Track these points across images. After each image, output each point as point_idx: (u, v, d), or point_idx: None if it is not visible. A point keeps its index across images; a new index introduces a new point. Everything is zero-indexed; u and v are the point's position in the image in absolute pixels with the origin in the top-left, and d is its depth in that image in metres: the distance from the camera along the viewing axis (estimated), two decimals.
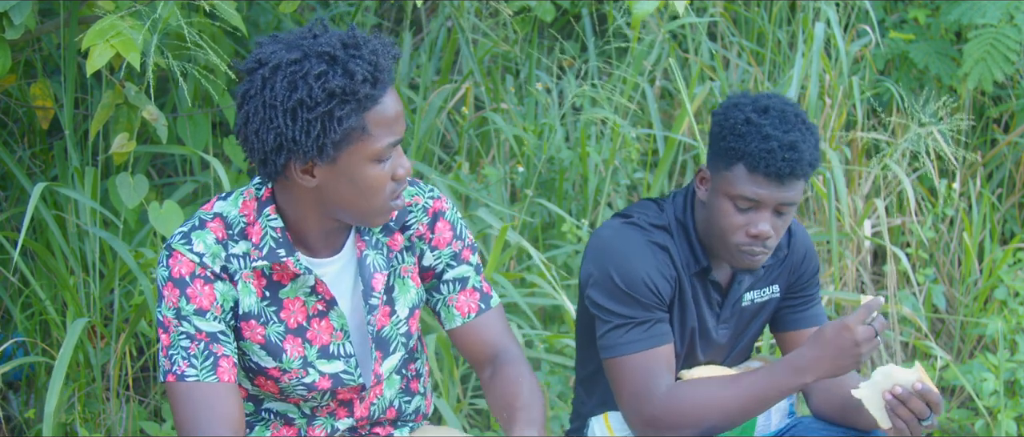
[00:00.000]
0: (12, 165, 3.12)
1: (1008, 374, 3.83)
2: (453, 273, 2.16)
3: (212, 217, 2.00)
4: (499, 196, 3.82)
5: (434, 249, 2.14)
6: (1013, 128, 4.64)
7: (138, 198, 2.89)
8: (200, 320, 1.96)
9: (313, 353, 2.06)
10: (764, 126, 2.31)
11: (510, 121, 4.07)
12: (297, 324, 2.05)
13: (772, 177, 2.30)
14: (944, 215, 4.32)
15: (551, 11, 4.45)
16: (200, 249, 1.97)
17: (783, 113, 2.33)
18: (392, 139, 1.91)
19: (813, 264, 2.60)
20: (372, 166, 1.91)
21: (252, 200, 2.01)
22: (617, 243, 2.44)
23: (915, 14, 4.64)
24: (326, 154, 1.87)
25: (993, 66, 4.19)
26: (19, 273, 3.16)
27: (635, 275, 2.39)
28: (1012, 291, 4.06)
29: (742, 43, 4.54)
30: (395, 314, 2.12)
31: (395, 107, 1.91)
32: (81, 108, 3.37)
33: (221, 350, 1.98)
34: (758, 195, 2.32)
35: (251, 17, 4.04)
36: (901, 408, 2.21)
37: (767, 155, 2.29)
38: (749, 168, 2.31)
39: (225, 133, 3.75)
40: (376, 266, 2.09)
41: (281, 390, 2.08)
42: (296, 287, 2.03)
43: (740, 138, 2.32)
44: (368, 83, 1.86)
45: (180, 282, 1.96)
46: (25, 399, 3.27)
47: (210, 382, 1.95)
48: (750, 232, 2.34)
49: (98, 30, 2.59)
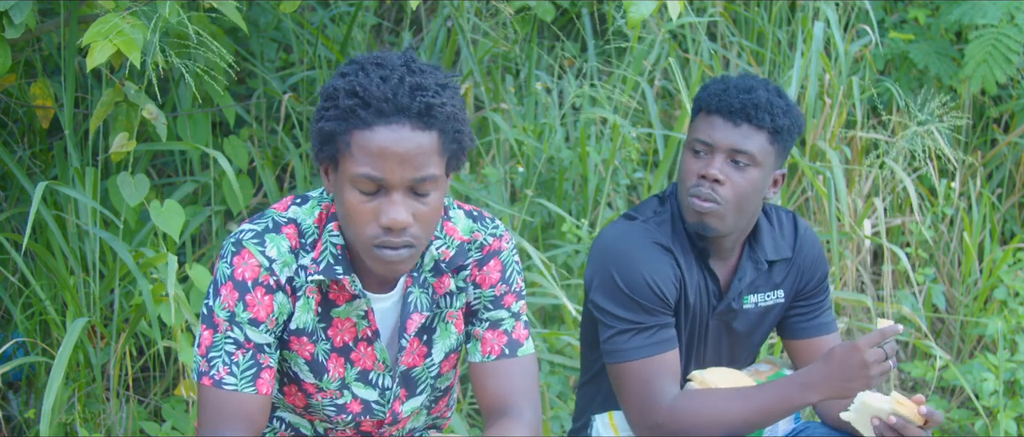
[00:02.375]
0: (12, 165, 3.11)
1: (1008, 374, 3.83)
2: (488, 315, 2.07)
3: (287, 222, 1.95)
4: (499, 196, 3.81)
5: (477, 288, 2.05)
6: (1013, 128, 4.64)
7: (140, 197, 2.88)
8: (252, 330, 1.92)
9: (352, 375, 2.02)
10: (730, 79, 2.41)
11: (510, 121, 4.07)
12: (343, 343, 2.01)
13: (725, 116, 2.36)
14: (944, 215, 4.32)
15: (551, 11, 4.44)
16: (272, 254, 1.92)
17: (755, 77, 2.43)
18: (368, 172, 1.80)
19: (822, 270, 2.59)
20: (349, 189, 1.83)
21: (326, 213, 1.97)
22: (620, 244, 2.43)
23: (915, 14, 4.64)
24: (317, 153, 1.86)
25: (995, 67, 4.19)
26: (19, 273, 3.16)
27: (638, 278, 2.38)
28: (1012, 291, 4.06)
29: (742, 43, 4.54)
30: (429, 357, 2.06)
31: (385, 143, 1.79)
32: (81, 108, 3.37)
33: (266, 361, 1.93)
34: (712, 137, 2.37)
35: (251, 17, 4.04)
36: (891, 432, 2.21)
37: (722, 93, 2.37)
38: (707, 112, 2.39)
39: (225, 133, 3.75)
40: (418, 306, 2.01)
41: (308, 406, 2.05)
42: (350, 309, 1.98)
43: (704, 89, 2.42)
44: (357, 99, 1.79)
45: (241, 286, 1.91)
46: (25, 399, 3.27)
47: (248, 393, 1.92)
48: (700, 172, 2.38)
49: (99, 28, 2.59)
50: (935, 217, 4.31)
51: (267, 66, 4.01)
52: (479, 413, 3.57)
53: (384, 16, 4.71)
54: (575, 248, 3.67)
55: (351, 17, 4.10)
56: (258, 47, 4.05)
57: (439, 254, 2.01)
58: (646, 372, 2.36)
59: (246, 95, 4.02)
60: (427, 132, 1.81)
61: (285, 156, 3.82)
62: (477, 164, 4.05)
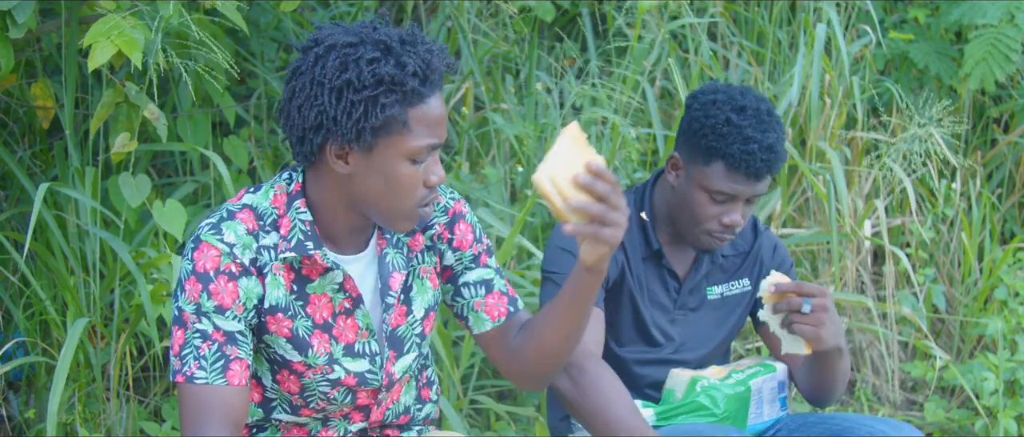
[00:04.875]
0: (12, 165, 3.11)
1: (1008, 374, 3.83)
2: (474, 275, 2.15)
3: (241, 208, 1.99)
4: (499, 196, 3.81)
5: (456, 250, 2.14)
6: (1013, 128, 4.64)
7: (141, 197, 2.88)
8: (219, 318, 1.94)
9: (339, 350, 2.05)
10: (744, 128, 2.44)
11: (510, 121, 4.07)
12: (323, 320, 2.04)
13: (751, 176, 2.45)
14: (944, 215, 4.32)
15: (551, 11, 4.44)
16: (231, 239, 1.95)
17: (758, 112, 2.46)
18: (431, 141, 1.91)
19: (786, 259, 2.71)
20: (406, 164, 1.91)
21: (283, 194, 2.01)
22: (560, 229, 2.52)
23: (915, 14, 4.64)
24: (363, 139, 1.87)
25: (994, 66, 4.19)
26: (20, 273, 3.16)
27: (565, 244, 2.51)
28: (1012, 291, 4.07)
29: (742, 43, 4.54)
30: (411, 314, 2.11)
31: (440, 110, 1.92)
32: (82, 108, 3.36)
33: (235, 352, 1.95)
34: (735, 190, 2.46)
35: (251, 17, 4.04)
36: (780, 303, 2.31)
37: (748, 157, 2.43)
38: (729, 167, 2.45)
39: (225, 133, 3.75)
40: (395, 265, 2.08)
41: (303, 387, 2.06)
42: (324, 283, 2.02)
43: (721, 138, 2.45)
44: (417, 78, 1.87)
45: (203, 277, 1.94)
46: (25, 399, 3.27)
47: (218, 385, 1.93)
48: (723, 221, 2.49)
49: (100, 28, 2.59)
50: (935, 218, 4.31)
51: (267, 66, 4.01)
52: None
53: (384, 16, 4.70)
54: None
55: (351, 17, 4.10)
56: (258, 47, 4.05)
57: None
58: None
59: (246, 95, 4.02)
60: (441, 90, 1.95)
61: (285, 156, 3.82)
62: (477, 164, 4.05)
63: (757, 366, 2.63)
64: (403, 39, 1.90)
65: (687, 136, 2.51)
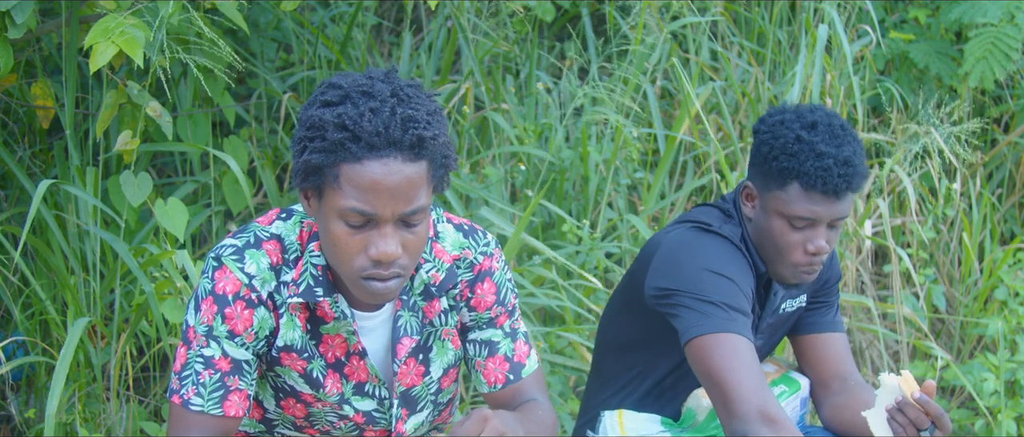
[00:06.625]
0: (12, 165, 3.11)
1: (1008, 374, 3.83)
2: (482, 335, 2.06)
3: (269, 237, 1.93)
4: (499, 195, 3.81)
5: (472, 310, 2.05)
6: (1013, 128, 4.64)
7: (142, 197, 2.88)
8: (229, 344, 1.90)
9: (349, 389, 2.01)
10: (817, 143, 2.29)
11: (510, 121, 4.07)
12: (335, 359, 1.99)
13: (829, 194, 2.30)
14: (945, 216, 4.32)
15: (551, 11, 4.44)
16: (251, 270, 1.90)
17: (831, 127, 2.32)
18: (358, 206, 1.76)
19: (837, 271, 2.60)
20: (338, 223, 1.79)
21: (308, 232, 1.93)
22: (704, 246, 2.38)
23: (915, 14, 4.63)
24: (307, 182, 1.79)
25: (994, 64, 4.19)
26: (19, 273, 3.16)
27: (728, 275, 2.34)
28: (1012, 291, 4.06)
29: (743, 43, 4.54)
30: (428, 374, 2.05)
31: (378, 179, 1.74)
32: (82, 108, 3.36)
33: (236, 383, 1.91)
34: (814, 213, 2.31)
35: (251, 16, 4.04)
36: (899, 415, 2.18)
37: (824, 173, 2.28)
38: (805, 187, 2.30)
39: (225, 133, 3.74)
40: (407, 330, 2.00)
41: (309, 415, 2.04)
42: (338, 326, 1.97)
43: (793, 157, 2.30)
44: (345, 133, 1.74)
45: (221, 299, 1.89)
46: (25, 399, 3.26)
47: (214, 415, 1.90)
48: (808, 249, 2.34)
49: (101, 28, 2.58)
50: (936, 218, 4.31)
51: (267, 66, 4.01)
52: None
53: (384, 16, 4.71)
54: (576, 249, 3.67)
55: (351, 17, 4.10)
56: (258, 47, 4.05)
57: (429, 277, 1.98)
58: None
59: (246, 95, 4.02)
60: (417, 163, 1.77)
61: (285, 156, 3.81)
62: (477, 164, 4.05)
63: (782, 384, 2.57)
64: (366, 91, 1.76)
65: (758, 162, 2.38)
